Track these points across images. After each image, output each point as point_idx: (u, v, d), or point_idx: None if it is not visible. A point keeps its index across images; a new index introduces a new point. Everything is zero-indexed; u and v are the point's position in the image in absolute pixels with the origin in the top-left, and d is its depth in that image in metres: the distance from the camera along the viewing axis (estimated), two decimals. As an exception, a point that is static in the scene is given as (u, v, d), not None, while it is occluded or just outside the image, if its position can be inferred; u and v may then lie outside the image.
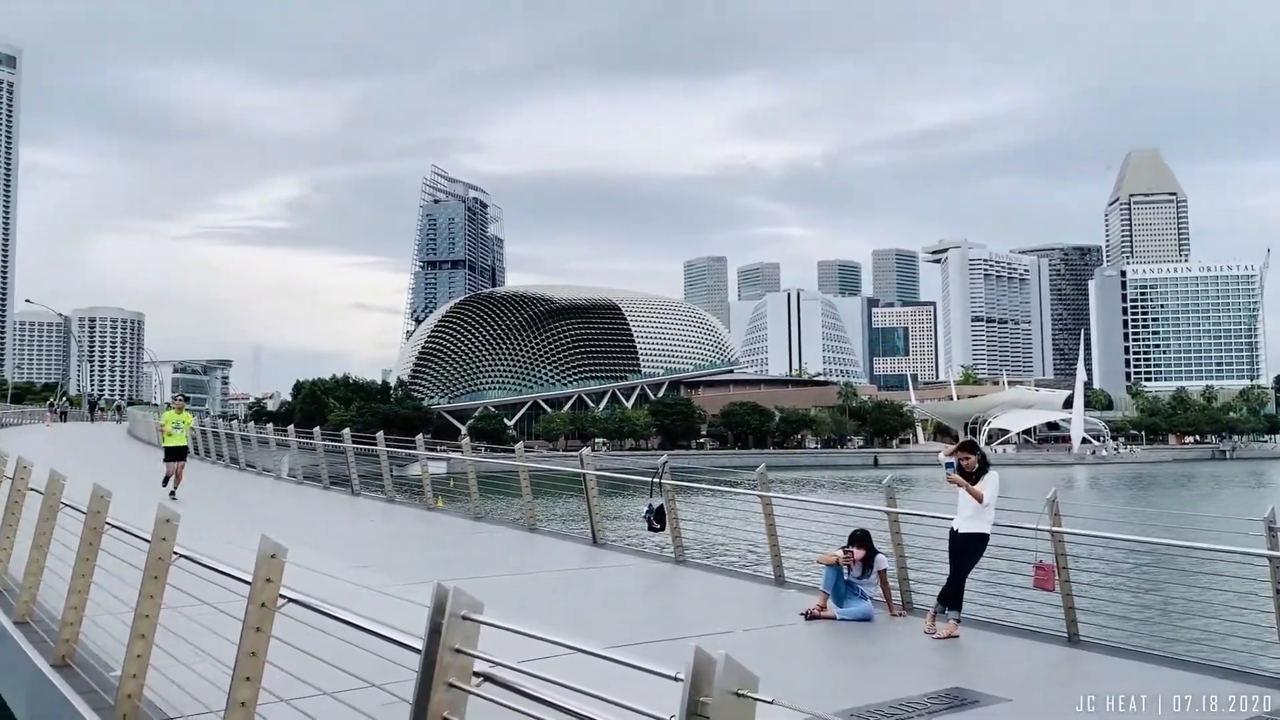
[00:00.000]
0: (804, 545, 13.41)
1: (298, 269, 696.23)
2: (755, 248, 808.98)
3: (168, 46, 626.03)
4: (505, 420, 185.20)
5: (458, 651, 3.97)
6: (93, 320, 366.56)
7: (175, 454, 20.51)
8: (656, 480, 13.34)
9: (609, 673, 3.66)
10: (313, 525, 17.52)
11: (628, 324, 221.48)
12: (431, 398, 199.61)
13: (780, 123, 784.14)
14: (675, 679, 3.22)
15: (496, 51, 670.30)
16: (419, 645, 4.23)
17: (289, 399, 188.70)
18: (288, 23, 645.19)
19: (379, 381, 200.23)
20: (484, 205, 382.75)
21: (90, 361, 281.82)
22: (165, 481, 20.31)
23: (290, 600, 5.29)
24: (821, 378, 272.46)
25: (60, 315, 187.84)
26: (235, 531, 12.24)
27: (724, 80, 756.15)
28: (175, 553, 6.70)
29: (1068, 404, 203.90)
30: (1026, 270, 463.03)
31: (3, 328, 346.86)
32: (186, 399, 23.92)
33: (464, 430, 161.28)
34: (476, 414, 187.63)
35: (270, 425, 29.15)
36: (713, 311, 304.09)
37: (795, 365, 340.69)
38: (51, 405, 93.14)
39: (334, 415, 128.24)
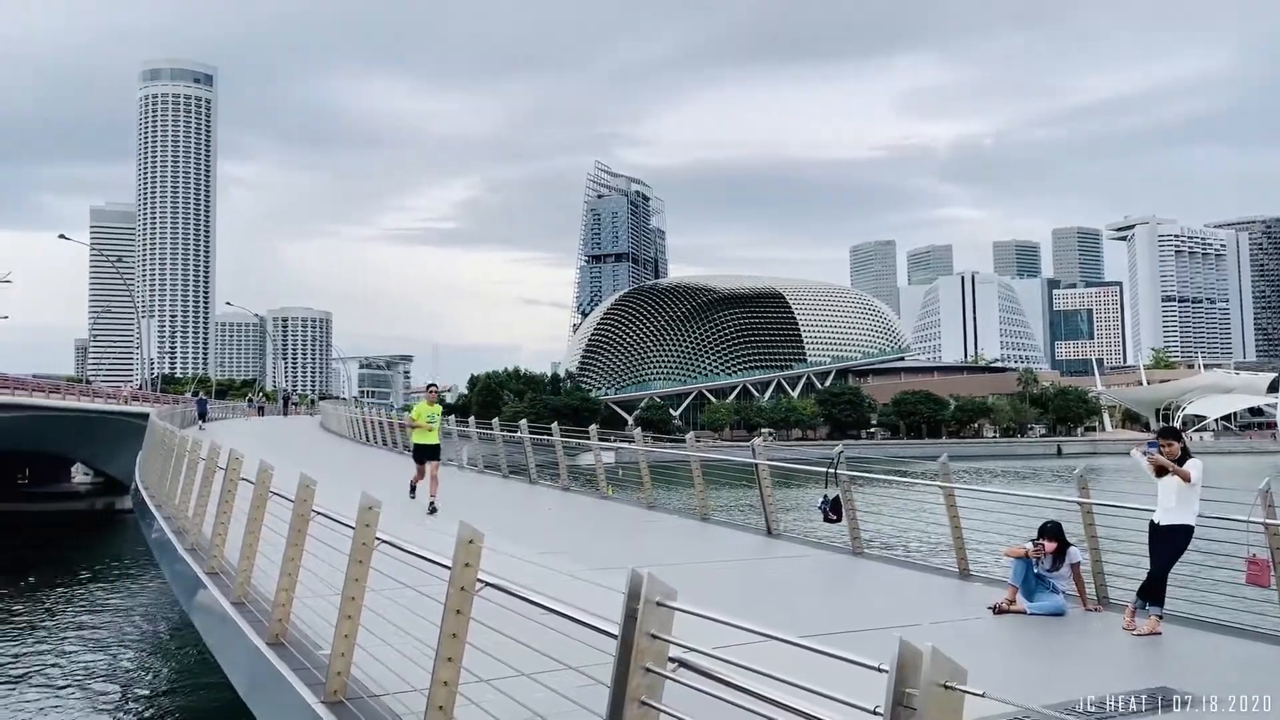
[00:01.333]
0: (988, 537, 12.97)
1: (470, 267, 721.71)
2: (925, 230, 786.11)
3: (347, 59, 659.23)
4: (670, 410, 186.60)
5: (654, 637, 4.03)
6: (285, 320, 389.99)
7: (428, 453, 17.53)
8: (832, 470, 13.16)
9: (801, 662, 3.65)
10: (495, 512, 18.11)
11: (792, 312, 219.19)
12: (598, 389, 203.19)
13: (948, 101, 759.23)
14: (879, 670, 3.18)
15: (655, 45, 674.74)
16: (613, 629, 4.33)
17: (465, 392, 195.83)
18: (456, 28, 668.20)
19: (548, 374, 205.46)
20: (646, 198, 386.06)
21: (284, 358, 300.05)
22: (413, 490, 17.62)
23: (487, 584, 5.49)
24: (999, 364, 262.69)
25: (256, 316, 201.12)
26: (426, 518, 12.84)
27: (888, 60, 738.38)
28: (377, 538, 7.06)
29: (1273, 387, 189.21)
30: (1223, 245, 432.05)
31: (206, 328, 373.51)
32: (435, 387, 19.71)
33: (630, 420, 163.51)
34: (642, 404, 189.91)
35: (453, 417, 30.28)
36: (881, 297, 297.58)
37: (970, 351, 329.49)
38: (250, 400, 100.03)
39: (507, 407, 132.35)
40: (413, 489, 17.69)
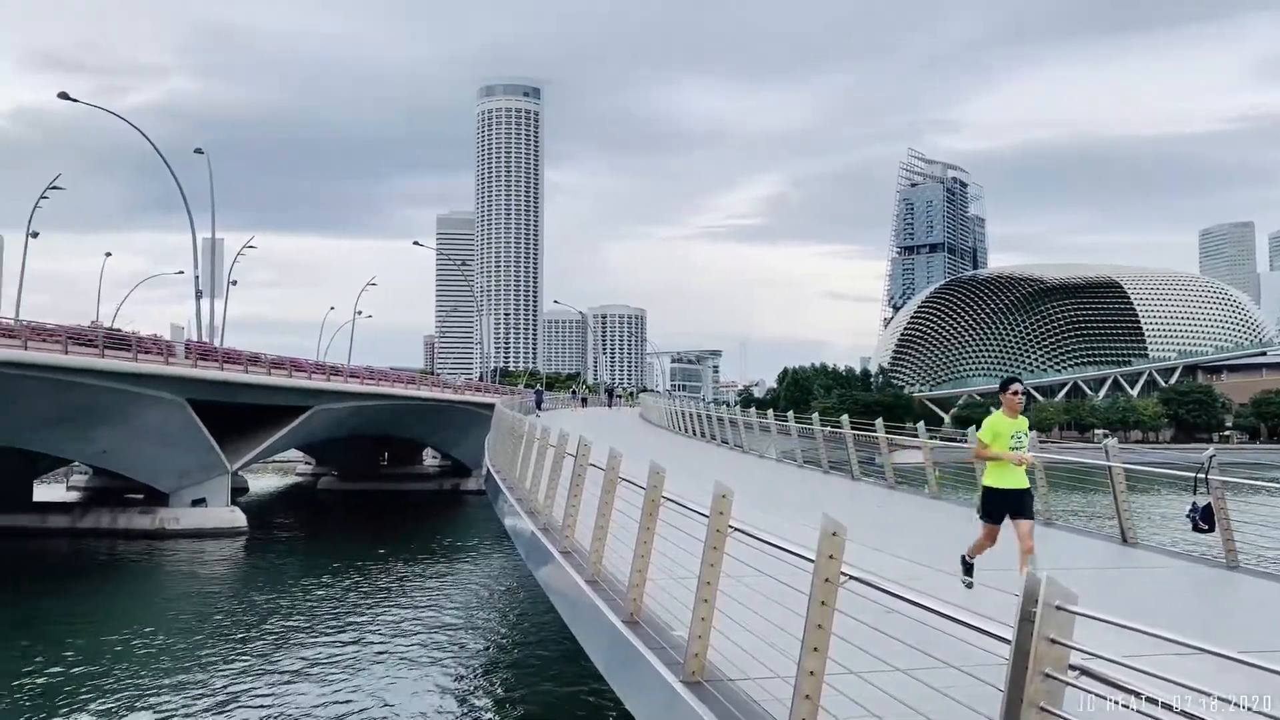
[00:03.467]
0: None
1: (777, 262, 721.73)
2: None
3: (659, 65, 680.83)
4: (991, 409, 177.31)
5: (1053, 642, 3.84)
6: (604, 317, 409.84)
7: (1014, 505, 9.91)
8: (1203, 475, 11.96)
9: (1217, 680, 3.36)
10: (825, 507, 18.01)
11: (1131, 303, 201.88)
12: (911, 385, 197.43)
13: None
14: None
15: (967, 26, 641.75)
16: (997, 630, 4.19)
17: (774, 386, 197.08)
18: (762, 26, 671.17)
19: (857, 369, 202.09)
20: (963, 185, 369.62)
21: (604, 353, 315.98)
22: (969, 569, 10.06)
23: (851, 577, 5.47)
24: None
25: (579, 313, 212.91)
26: (761, 506, 12.97)
27: (1232, 23, 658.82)
28: (730, 526, 7.24)
29: None
30: None
31: (535, 324, 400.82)
32: (1020, 388, 10.86)
33: (947, 419, 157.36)
34: (960, 402, 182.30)
35: (771, 412, 30.62)
36: (1238, 285, 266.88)
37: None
38: (573, 392, 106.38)
39: (817, 403, 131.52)
40: (968, 568, 10.13)
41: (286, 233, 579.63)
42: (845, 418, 24.19)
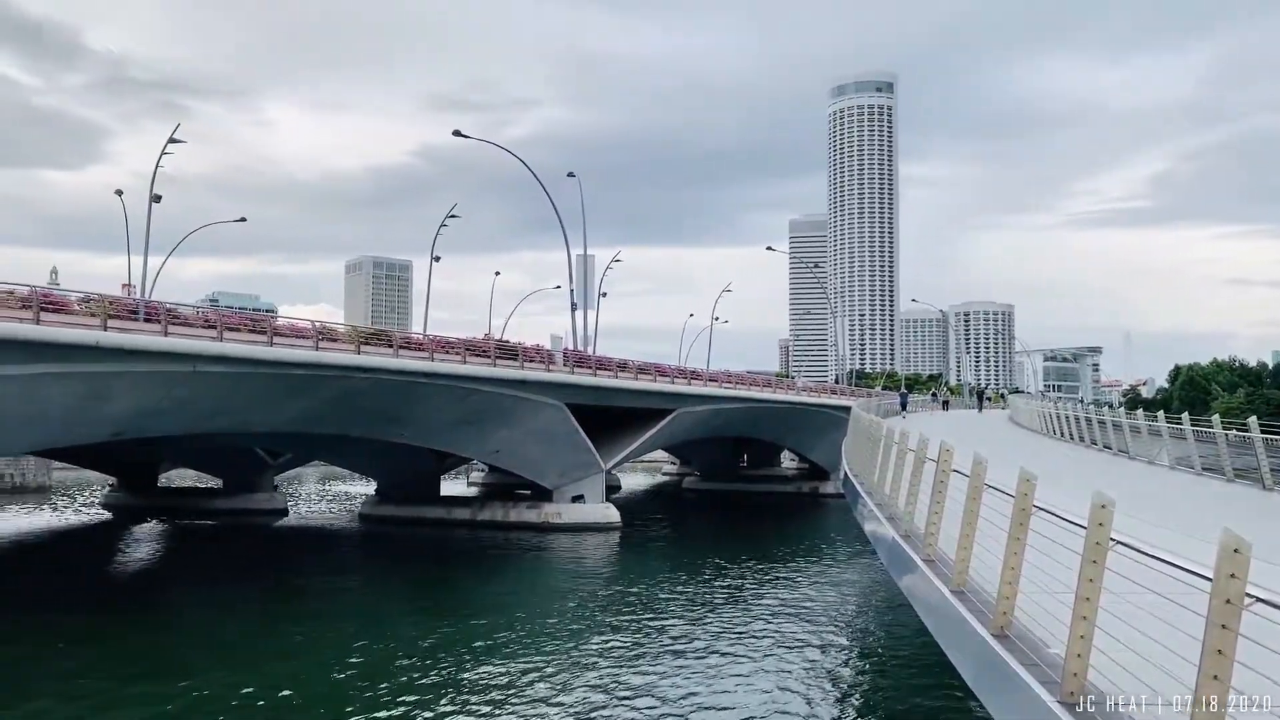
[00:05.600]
0: None
1: (1165, 247, 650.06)
2: None
3: (1020, 44, 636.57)
4: None
5: None
6: (967, 314, 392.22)
7: None
8: None
9: None
10: (1226, 520, 16.16)
11: None
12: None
13: None
14: None
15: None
16: None
17: (1164, 385, 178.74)
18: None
19: (1269, 363, 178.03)
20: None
21: (967, 352, 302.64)
22: None
23: (1258, 599, 4.93)
24: None
25: (939, 311, 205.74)
26: (1147, 517, 11.92)
27: None
28: (1112, 539, 6.75)
29: None
30: None
31: (892, 325, 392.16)
32: None
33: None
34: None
35: (1161, 414, 27.84)
36: None
37: None
38: (933, 395, 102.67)
39: (1217, 403, 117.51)
40: None
41: (648, 245, 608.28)
42: (1253, 419, 21.53)
